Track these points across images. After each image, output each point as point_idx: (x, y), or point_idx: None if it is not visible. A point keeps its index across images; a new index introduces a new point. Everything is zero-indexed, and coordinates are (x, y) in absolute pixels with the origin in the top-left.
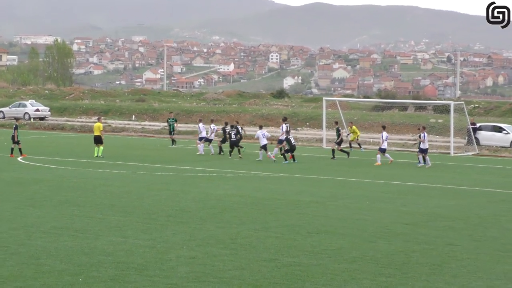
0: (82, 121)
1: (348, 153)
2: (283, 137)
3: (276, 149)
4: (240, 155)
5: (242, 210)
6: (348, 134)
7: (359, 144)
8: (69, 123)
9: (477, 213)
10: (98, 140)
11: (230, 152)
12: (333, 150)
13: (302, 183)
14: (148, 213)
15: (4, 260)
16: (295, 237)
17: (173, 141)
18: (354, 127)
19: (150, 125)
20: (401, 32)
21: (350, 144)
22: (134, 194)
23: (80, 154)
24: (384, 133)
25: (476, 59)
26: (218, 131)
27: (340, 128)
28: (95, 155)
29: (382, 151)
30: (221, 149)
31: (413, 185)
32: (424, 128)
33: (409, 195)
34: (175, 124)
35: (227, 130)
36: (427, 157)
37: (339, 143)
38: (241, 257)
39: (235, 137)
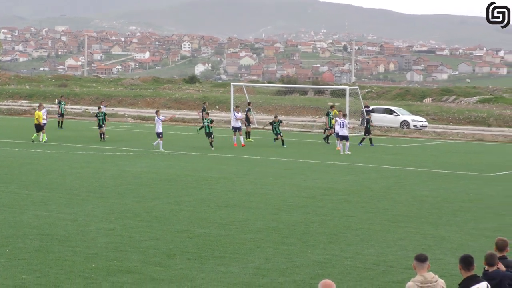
0: (8, 105)
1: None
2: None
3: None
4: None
5: (157, 186)
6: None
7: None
8: None
9: (370, 187)
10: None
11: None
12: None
13: (212, 161)
14: (70, 189)
15: None
16: (205, 210)
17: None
18: (335, 111)
19: (71, 108)
20: (302, 24)
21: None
22: (58, 172)
23: (7, 135)
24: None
25: (370, 48)
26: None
27: (252, 109)
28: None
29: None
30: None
31: (313, 162)
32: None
33: (309, 172)
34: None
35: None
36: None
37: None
38: (156, 228)
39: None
